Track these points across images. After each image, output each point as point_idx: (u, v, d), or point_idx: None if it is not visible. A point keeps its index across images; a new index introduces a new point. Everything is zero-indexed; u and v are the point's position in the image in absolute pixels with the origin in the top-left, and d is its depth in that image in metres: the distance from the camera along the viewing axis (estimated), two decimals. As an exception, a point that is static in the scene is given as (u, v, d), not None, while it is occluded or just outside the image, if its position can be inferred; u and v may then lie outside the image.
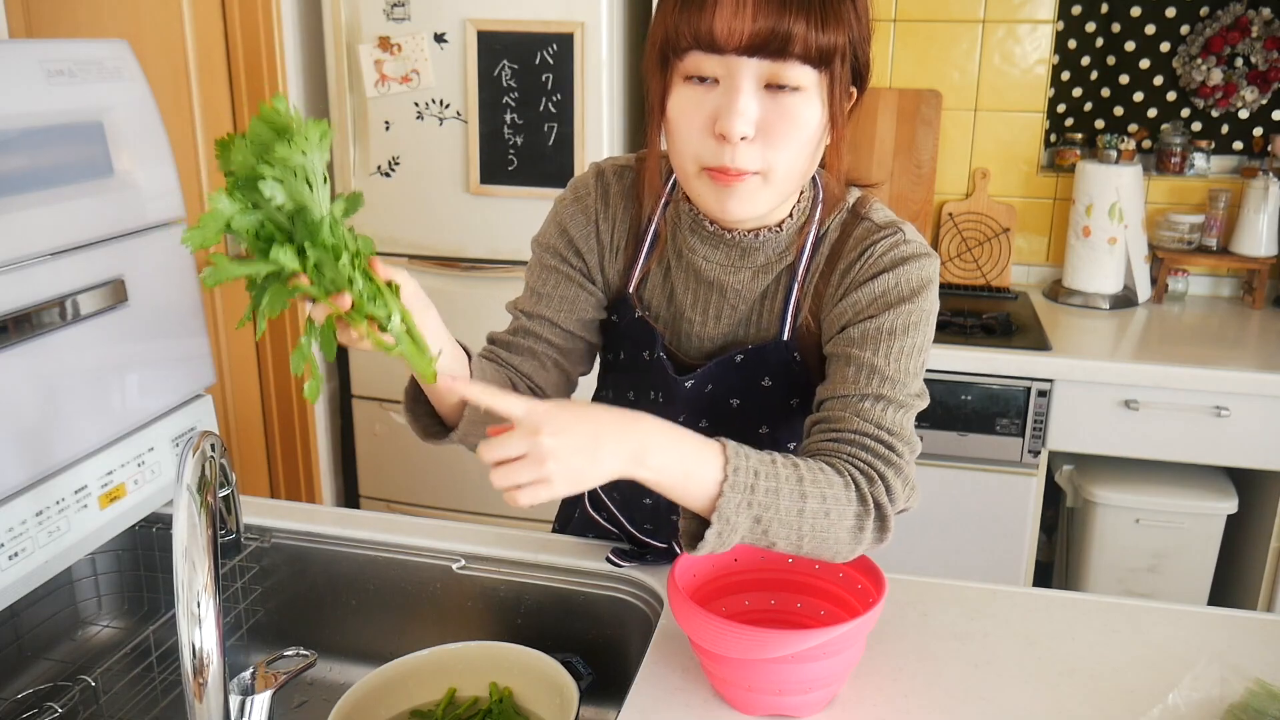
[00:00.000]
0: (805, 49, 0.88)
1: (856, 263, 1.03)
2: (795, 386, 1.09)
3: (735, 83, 0.89)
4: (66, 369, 1.15)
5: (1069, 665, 1.07)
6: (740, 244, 1.05)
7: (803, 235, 1.05)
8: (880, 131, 2.73)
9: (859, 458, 0.96)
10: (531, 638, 1.18)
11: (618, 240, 1.12)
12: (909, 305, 0.99)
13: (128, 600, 1.40)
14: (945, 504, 2.33)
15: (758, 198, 0.95)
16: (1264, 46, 2.56)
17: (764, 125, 0.91)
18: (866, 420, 0.97)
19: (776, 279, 1.07)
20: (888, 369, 0.98)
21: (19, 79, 1.11)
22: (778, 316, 1.07)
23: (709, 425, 1.11)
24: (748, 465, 0.88)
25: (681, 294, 1.10)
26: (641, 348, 1.13)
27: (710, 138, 0.92)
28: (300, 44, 2.52)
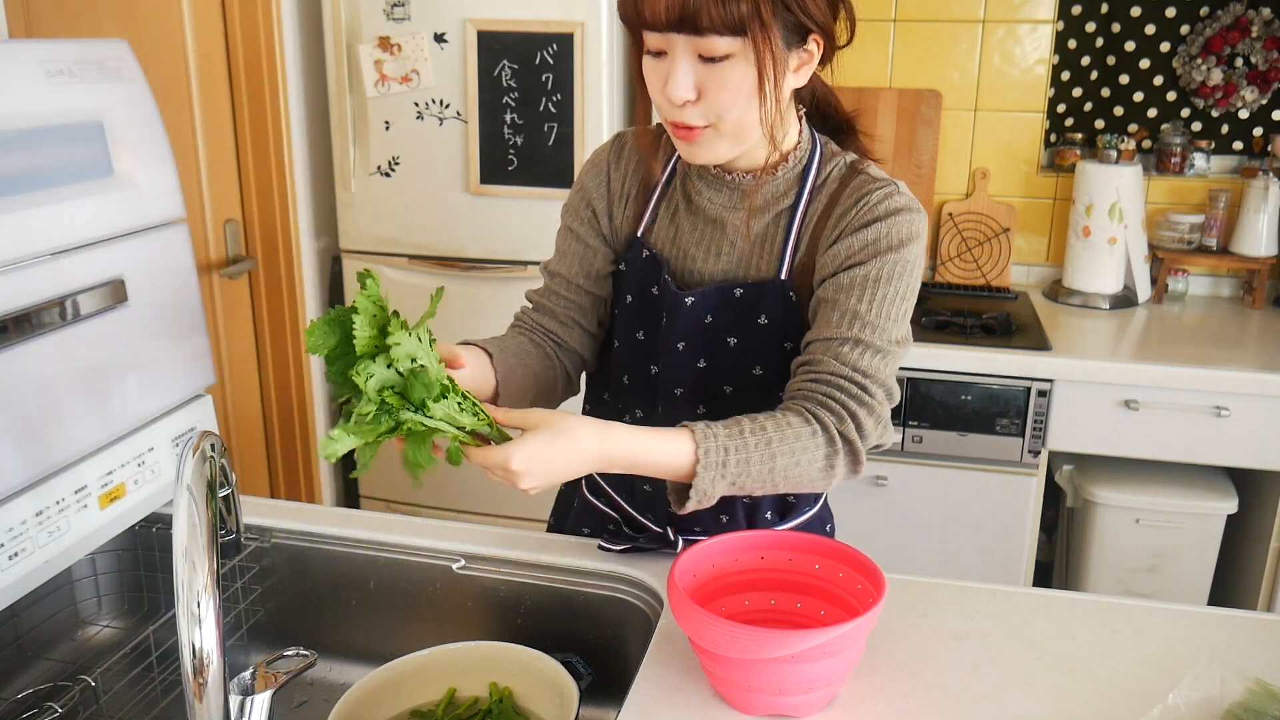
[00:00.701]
0: (714, 21, 0.99)
1: (852, 209, 1.12)
2: (789, 329, 1.16)
3: (674, 55, 1.03)
4: (66, 369, 1.15)
5: (1069, 665, 1.07)
6: (740, 186, 1.16)
7: (801, 179, 1.16)
8: (880, 131, 2.73)
9: (832, 397, 1.07)
10: (531, 638, 1.18)
11: (629, 189, 1.24)
12: (895, 254, 1.09)
13: (128, 600, 1.40)
14: (945, 504, 2.33)
15: (716, 146, 1.08)
16: (1264, 46, 2.56)
17: (702, 89, 1.04)
18: (843, 363, 1.07)
19: (775, 220, 1.16)
20: (869, 314, 1.08)
21: (19, 79, 1.11)
22: (776, 257, 1.15)
23: (706, 364, 1.18)
24: (717, 444, 1.02)
25: (688, 233, 1.20)
26: (649, 284, 1.21)
27: (664, 100, 1.06)
28: (300, 44, 2.52)
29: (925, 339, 2.29)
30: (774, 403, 1.13)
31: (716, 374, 1.18)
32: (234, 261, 2.42)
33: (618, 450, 1.01)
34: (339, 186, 2.59)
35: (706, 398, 1.20)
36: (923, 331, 2.35)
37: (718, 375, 1.18)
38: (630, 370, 1.25)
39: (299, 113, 2.53)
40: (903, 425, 2.30)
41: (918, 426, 2.29)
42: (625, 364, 1.25)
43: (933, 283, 2.75)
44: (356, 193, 2.58)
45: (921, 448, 2.30)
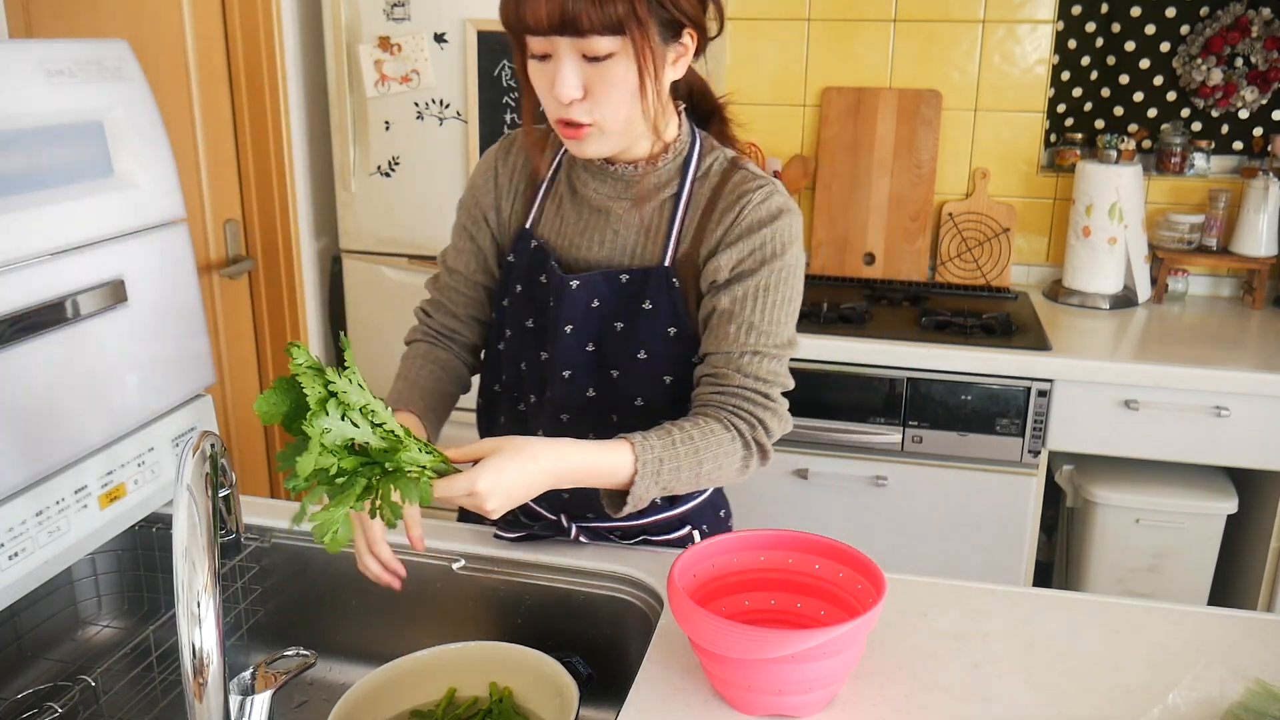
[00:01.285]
0: (593, 23, 1.03)
1: (735, 207, 1.18)
2: (673, 314, 1.20)
3: (558, 56, 1.07)
4: (66, 369, 1.15)
5: (1069, 665, 1.07)
6: (624, 176, 1.21)
7: (682, 170, 1.21)
8: (880, 131, 2.73)
9: (741, 409, 1.17)
10: (531, 638, 1.18)
11: (516, 184, 1.29)
12: (780, 260, 1.17)
13: (128, 600, 1.40)
14: (945, 504, 2.33)
15: (602, 141, 1.13)
16: (1264, 46, 2.56)
17: (588, 87, 1.08)
18: (746, 374, 1.17)
19: (659, 209, 1.21)
20: (762, 323, 1.17)
21: (19, 79, 1.11)
22: (660, 245, 1.21)
23: (595, 348, 1.22)
24: (654, 455, 1.11)
25: (573, 223, 1.25)
26: (537, 273, 1.25)
27: (551, 99, 1.10)
28: (300, 44, 2.52)
29: (925, 339, 2.29)
30: (658, 386, 1.22)
31: (604, 358, 1.22)
32: (234, 261, 2.42)
33: (567, 464, 1.07)
34: (339, 186, 2.59)
35: (595, 381, 1.23)
36: (923, 331, 2.35)
37: (605, 359, 1.22)
38: (523, 357, 1.28)
39: (299, 113, 2.53)
40: (903, 425, 2.30)
41: (918, 426, 2.29)
42: (517, 352, 1.28)
43: (933, 282, 2.75)
44: (356, 193, 2.58)
45: (921, 448, 2.30)
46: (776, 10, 2.74)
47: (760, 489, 2.41)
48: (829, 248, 2.80)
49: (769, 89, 2.80)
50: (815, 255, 2.82)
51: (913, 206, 2.73)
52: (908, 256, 2.75)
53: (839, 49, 2.73)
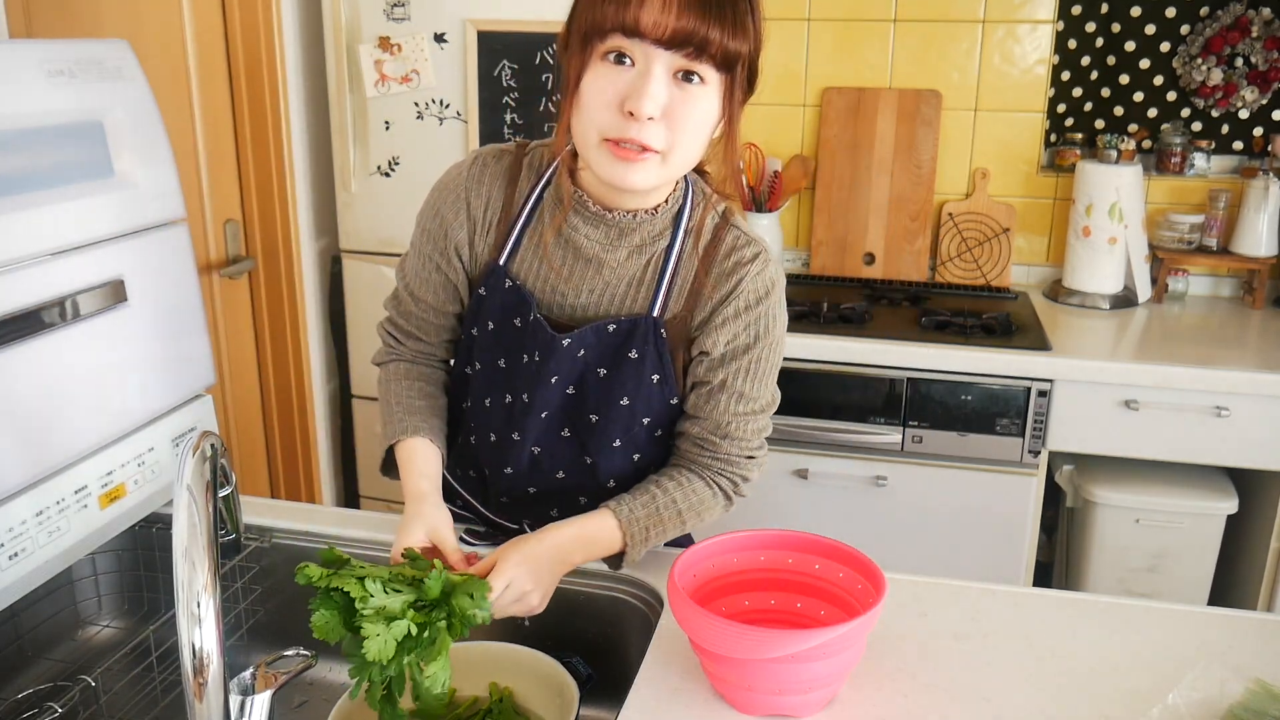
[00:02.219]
0: (717, 52, 1.00)
1: (730, 280, 1.17)
2: (659, 363, 1.19)
3: (650, 68, 0.99)
4: (66, 369, 1.15)
5: (1069, 665, 1.07)
6: (619, 224, 1.16)
7: (675, 222, 1.18)
8: (880, 131, 2.73)
9: (727, 474, 1.22)
10: (531, 638, 1.18)
11: (490, 216, 1.21)
12: (771, 336, 1.19)
13: (128, 600, 1.40)
14: (945, 504, 2.33)
15: (652, 173, 1.06)
16: (1264, 46, 2.56)
17: (669, 110, 1.01)
18: (734, 440, 1.20)
19: (649, 261, 1.18)
20: (751, 390, 1.19)
21: (19, 79, 1.11)
22: (648, 296, 1.18)
23: (575, 393, 1.20)
24: (640, 525, 1.16)
25: (558, 269, 1.18)
26: (512, 315, 1.20)
27: (617, 113, 1.01)
28: (300, 44, 2.52)
29: (925, 339, 2.29)
30: (637, 427, 1.21)
31: (584, 402, 1.20)
32: (234, 261, 2.42)
33: (567, 541, 1.12)
34: (339, 186, 2.59)
35: (571, 423, 1.22)
36: (923, 331, 2.35)
37: (585, 403, 1.20)
38: (490, 395, 1.24)
39: (299, 113, 2.53)
40: (903, 425, 2.30)
41: (918, 426, 2.29)
42: (485, 389, 1.24)
43: (933, 283, 2.75)
44: (356, 193, 2.58)
45: (921, 448, 2.30)
46: (776, 10, 2.73)
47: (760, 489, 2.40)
48: (829, 248, 2.80)
49: (769, 89, 2.80)
50: (815, 255, 2.82)
51: (913, 206, 2.73)
52: (908, 256, 2.75)
53: (839, 49, 2.73)
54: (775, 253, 2.79)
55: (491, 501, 1.33)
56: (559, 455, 1.23)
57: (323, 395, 2.74)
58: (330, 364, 2.80)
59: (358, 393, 2.75)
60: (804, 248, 2.89)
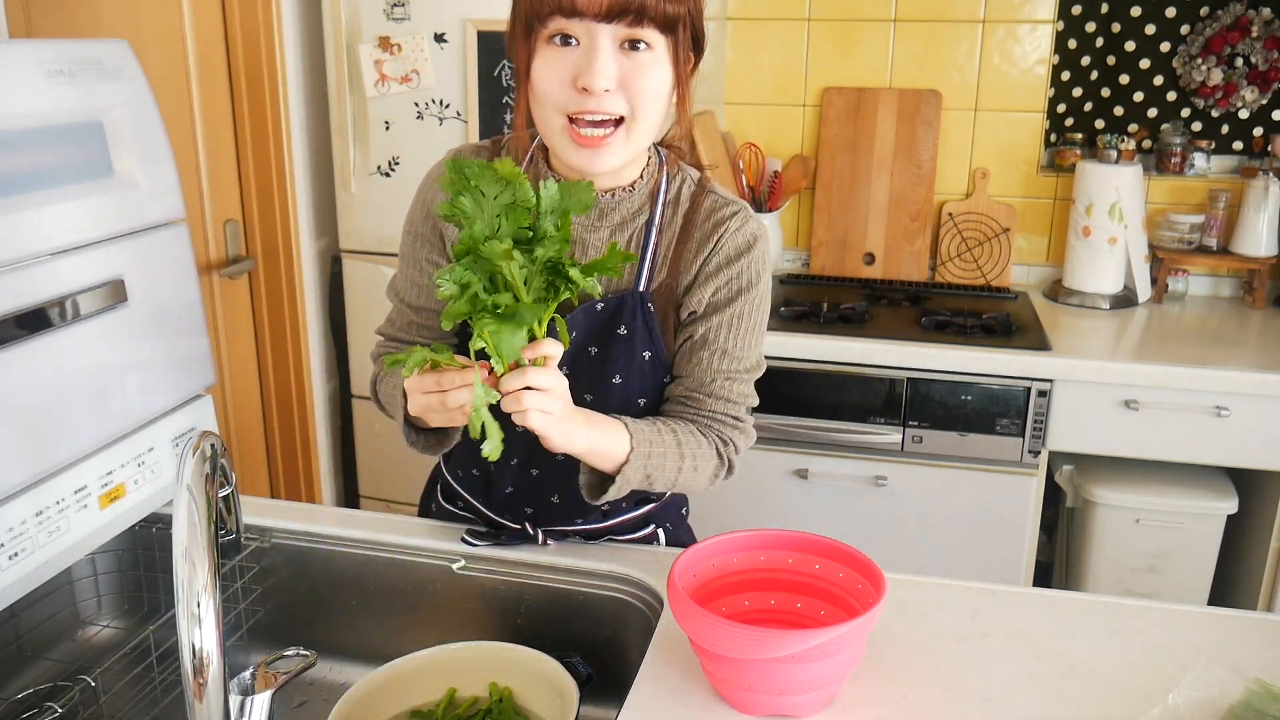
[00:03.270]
0: (656, 16, 1.02)
1: (712, 238, 1.18)
2: (649, 339, 1.20)
3: (595, 43, 1.02)
4: (66, 369, 1.15)
5: (1069, 665, 1.07)
6: (599, 205, 1.16)
7: (653, 196, 1.19)
8: (880, 131, 2.73)
9: (718, 432, 1.21)
10: (531, 638, 1.18)
11: None
12: (754, 290, 1.19)
13: (128, 600, 1.40)
14: (945, 504, 2.33)
15: (617, 151, 1.07)
16: (1264, 46, 2.56)
17: (623, 80, 1.03)
18: (718, 399, 1.20)
19: (631, 237, 1.19)
20: (736, 349, 1.20)
21: (19, 79, 1.11)
22: (633, 272, 1.18)
23: (569, 372, 1.17)
24: (645, 439, 1.13)
25: None
26: None
27: (573, 90, 1.03)
28: (300, 44, 2.52)
29: (925, 339, 2.29)
30: (632, 409, 1.20)
31: (578, 383, 1.17)
32: (234, 261, 2.42)
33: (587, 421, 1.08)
34: (339, 186, 2.59)
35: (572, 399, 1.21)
36: (923, 331, 2.35)
37: (579, 384, 1.18)
38: None
39: (299, 113, 2.53)
40: (903, 425, 2.30)
41: (918, 426, 2.29)
42: None
43: (933, 283, 2.75)
44: (356, 193, 2.58)
45: (921, 448, 2.30)
46: (776, 10, 2.74)
47: (760, 489, 2.41)
48: (829, 248, 2.80)
49: (769, 89, 2.80)
50: (815, 255, 2.82)
51: (913, 206, 2.73)
52: (908, 256, 2.75)
53: (839, 49, 2.73)
54: (775, 250, 2.80)
55: (495, 497, 1.32)
56: None
57: (323, 395, 2.74)
58: (330, 364, 2.80)
59: (358, 393, 2.75)
60: (804, 248, 2.89)
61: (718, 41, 2.72)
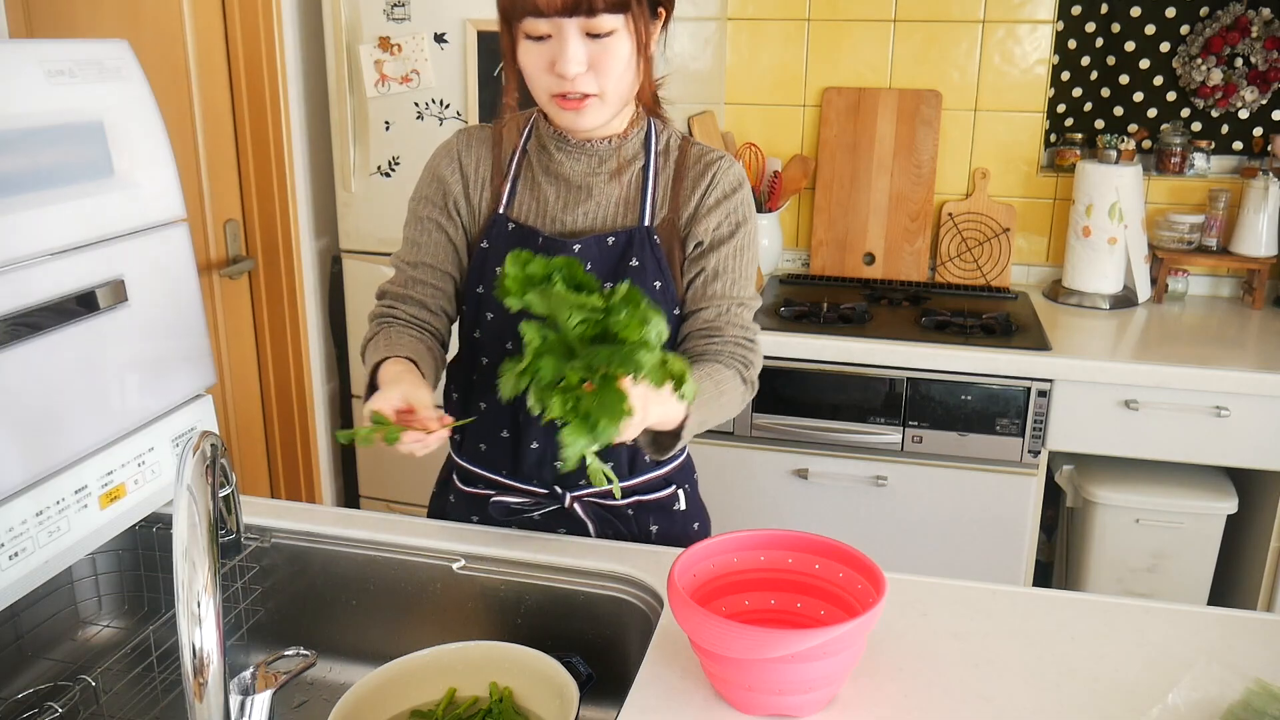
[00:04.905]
0: (606, 4, 1.15)
1: (705, 177, 1.32)
2: (659, 269, 1.31)
3: (563, 36, 1.17)
4: (66, 369, 1.15)
5: (1069, 665, 1.07)
6: (599, 152, 1.31)
7: (645, 145, 1.33)
8: (880, 131, 2.73)
9: (737, 355, 1.31)
10: (531, 638, 1.18)
11: (482, 175, 1.35)
12: (748, 225, 1.34)
13: (128, 600, 1.40)
14: (945, 504, 2.33)
15: (596, 113, 1.23)
16: (1264, 46, 2.56)
17: (591, 62, 1.18)
18: (734, 325, 1.32)
19: (631, 181, 1.32)
20: (741, 278, 1.33)
21: (19, 79, 1.11)
22: (636, 211, 1.32)
23: None
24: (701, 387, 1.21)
25: (554, 201, 1.32)
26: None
27: (552, 75, 1.20)
28: (300, 44, 2.52)
29: (925, 339, 2.29)
30: None
31: None
32: (234, 261, 2.42)
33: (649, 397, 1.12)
34: (339, 186, 2.59)
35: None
36: (923, 331, 2.35)
37: None
38: (511, 336, 1.29)
39: (299, 113, 2.53)
40: (903, 425, 2.30)
41: (918, 426, 2.29)
42: (501, 335, 1.31)
43: (933, 282, 2.75)
44: (356, 193, 2.58)
45: (921, 448, 2.30)
46: (776, 10, 2.74)
47: (760, 489, 2.41)
48: (829, 248, 2.80)
49: (769, 89, 2.80)
50: (815, 255, 2.82)
51: (913, 206, 2.73)
52: (908, 256, 2.75)
53: (839, 49, 2.73)
54: (775, 250, 2.80)
55: (523, 460, 1.34)
56: None
57: (323, 395, 2.74)
58: (330, 364, 2.80)
59: (358, 393, 2.75)
60: (804, 248, 2.89)
61: (718, 41, 2.72)
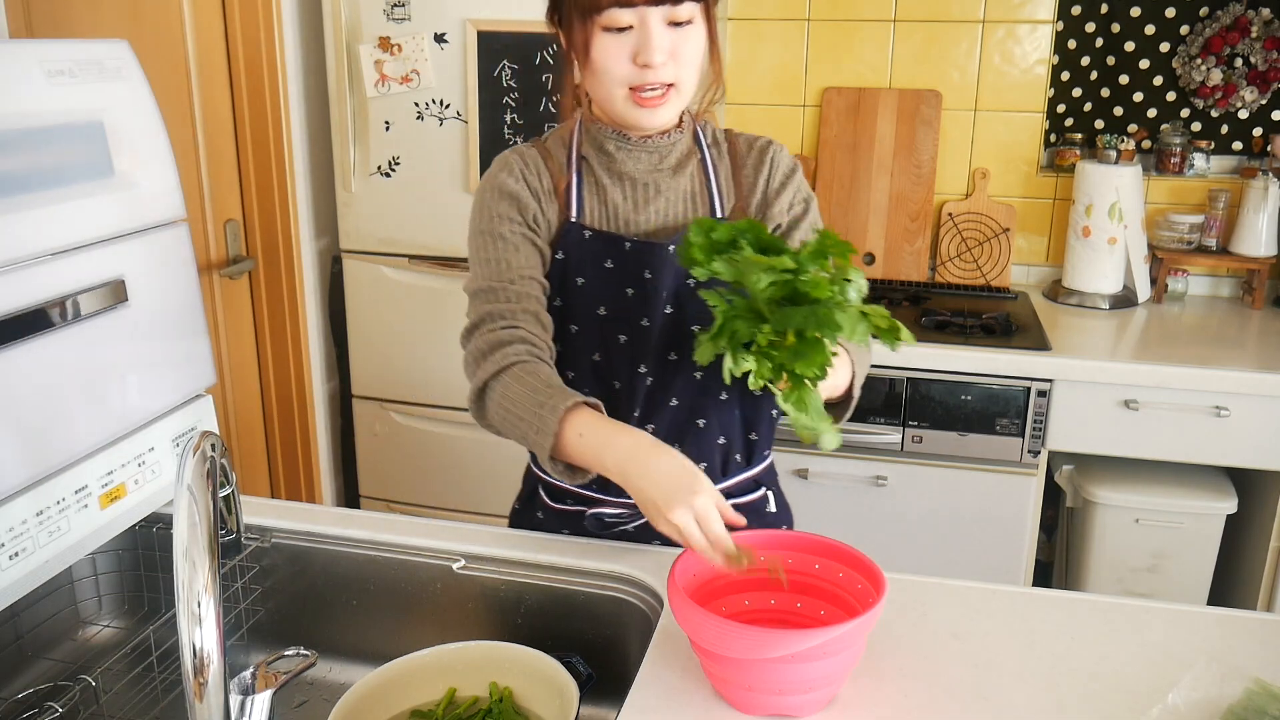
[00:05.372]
0: None
1: (764, 163, 1.34)
2: None
3: (649, 25, 1.17)
4: (66, 369, 1.15)
5: (1069, 665, 1.07)
6: (659, 148, 1.30)
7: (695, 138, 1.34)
8: (880, 131, 2.73)
9: None
10: (531, 638, 1.18)
11: (545, 186, 1.30)
12: (814, 200, 1.37)
13: (128, 600, 1.40)
14: (945, 504, 2.33)
15: (674, 105, 1.24)
16: (1264, 46, 2.56)
17: (673, 51, 1.19)
18: None
19: (692, 175, 1.32)
20: None
21: (19, 79, 1.11)
22: (706, 202, 1.32)
23: (674, 310, 1.27)
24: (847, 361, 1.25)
25: (621, 202, 1.30)
26: (601, 259, 1.28)
27: (634, 67, 1.19)
28: (300, 44, 2.52)
29: (925, 339, 2.29)
30: None
31: (684, 316, 1.28)
32: (234, 261, 2.42)
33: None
34: (339, 186, 2.59)
35: (676, 344, 1.28)
36: (923, 331, 2.35)
37: (686, 317, 1.28)
38: (600, 349, 1.29)
39: (299, 113, 2.53)
40: (903, 425, 2.30)
41: (918, 426, 2.29)
42: (591, 345, 1.29)
43: (933, 282, 2.75)
44: (356, 193, 2.58)
45: (921, 448, 2.30)
46: (776, 10, 2.74)
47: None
48: (829, 248, 2.80)
49: (769, 89, 2.80)
50: (815, 255, 2.82)
51: (913, 206, 2.73)
52: (908, 256, 2.75)
53: (839, 49, 2.73)
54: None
55: (615, 489, 1.29)
56: (675, 381, 1.29)
57: (323, 395, 2.74)
58: (330, 364, 2.80)
59: (358, 393, 2.75)
60: (804, 248, 2.89)
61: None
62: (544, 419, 1.09)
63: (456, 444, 2.68)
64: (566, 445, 1.09)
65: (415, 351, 2.64)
